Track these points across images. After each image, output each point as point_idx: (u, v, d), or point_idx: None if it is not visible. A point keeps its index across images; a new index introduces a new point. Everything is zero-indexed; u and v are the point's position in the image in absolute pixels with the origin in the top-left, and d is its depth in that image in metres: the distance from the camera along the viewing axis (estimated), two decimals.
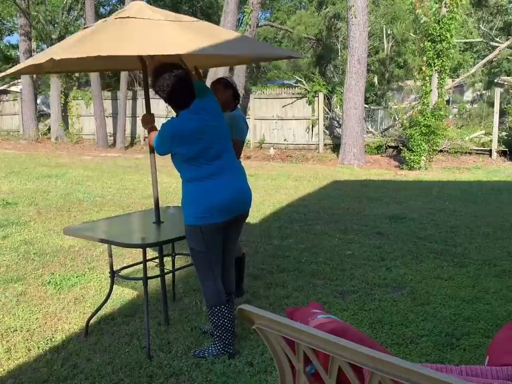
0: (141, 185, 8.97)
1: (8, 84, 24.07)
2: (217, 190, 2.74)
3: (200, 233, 2.76)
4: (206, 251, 2.81)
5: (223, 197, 2.75)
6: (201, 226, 2.74)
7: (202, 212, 2.72)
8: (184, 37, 2.69)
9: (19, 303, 3.66)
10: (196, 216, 2.74)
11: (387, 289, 3.96)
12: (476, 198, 7.92)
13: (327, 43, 18.48)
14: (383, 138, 14.32)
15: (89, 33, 2.76)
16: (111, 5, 28.49)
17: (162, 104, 16.42)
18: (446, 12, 11.52)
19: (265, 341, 1.50)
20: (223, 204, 2.74)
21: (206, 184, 2.73)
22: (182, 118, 2.73)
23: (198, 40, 2.69)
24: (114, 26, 2.75)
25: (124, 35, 2.65)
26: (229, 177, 2.80)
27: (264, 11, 29.06)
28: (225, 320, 2.87)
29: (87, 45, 2.59)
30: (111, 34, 2.68)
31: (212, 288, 2.86)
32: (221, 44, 2.83)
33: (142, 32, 2.67)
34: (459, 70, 19.11)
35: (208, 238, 2.78)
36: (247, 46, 3.24)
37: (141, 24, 2.73)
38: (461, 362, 2.83)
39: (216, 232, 2.80)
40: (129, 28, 2.70)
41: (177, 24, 2.81)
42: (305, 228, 5.90)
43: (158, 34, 2.67)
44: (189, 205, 2.78)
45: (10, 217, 6.33)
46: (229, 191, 2.78)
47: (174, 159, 2.79)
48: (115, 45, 2.56)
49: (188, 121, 2.71)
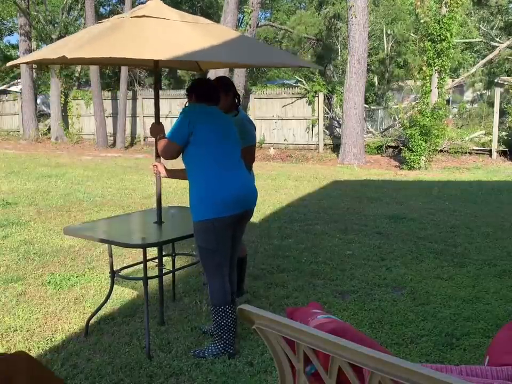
0: (141, 185, 8.97)
1: (8, 84, 24.08)
2: (227, 184, 2.81)
3: (212, 228, 2.79)
4: (216, 248, 2.83)
5: (233, 191, 2.81)
6: (213, 220, 2.77)
7: (214, 204, 2.77)
8: (203, 42, 2.68)
9: (19, 303, 3.66)
10: (207, 210, 2.78)
11: (387, 289, 3.96)
12: (476, 198, 7.92)
13: (327, 43, 18.48)
14: (383, 138, 14.32)
15: (104, 31, 2.70)
16: (111, 5, 28.49)
17: (164, 105, 16.44)
18: (446, 12, 11.52)
19: (265, 341, 1.50)
20: (232, 197, 2.80)
21: (215, 180, 2.80)
22: (199, 106, 2.90)
23: (216, 46, 2.69)
24: (130, 25, 2.71)
25: (139, 36, 2.62)
26: (237, 173, 2.89)
27: (264, 11, 29.07)
28: (229, 320, 2.87)
29: (103, 43, 2.54)
30: (127, 33, 2.64)
31: (219, 287, 2.87)
32: (241, 52, 2.90)
33: (159, 33, 2.66)
34: (459, 70, 19.12)
35: (219, 233, 2.80)
36: (266, 55, 3.23)
37: (156, 24, 2.71)
38: (461, 362, 2.83)
39: (226, 228, 2.83)
40: (145, 29, 2.67)
41: (194, 27, 2.81)
42: (305, 228, 5.90)
43: (175, 37, 2.66)
44: (199, 200, 2.82)
45: (10, 217, 6.33)
46: (238, 185, 2.86)
47: (186, 156, 2.86)
48: (132, 46, 2.53)
49: (207, 107, 2.90)
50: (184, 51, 2.58)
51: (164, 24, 2.73)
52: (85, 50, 2.50)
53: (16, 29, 22.42)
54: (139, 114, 17.68)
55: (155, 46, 2.59)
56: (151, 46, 2.58)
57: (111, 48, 2.48)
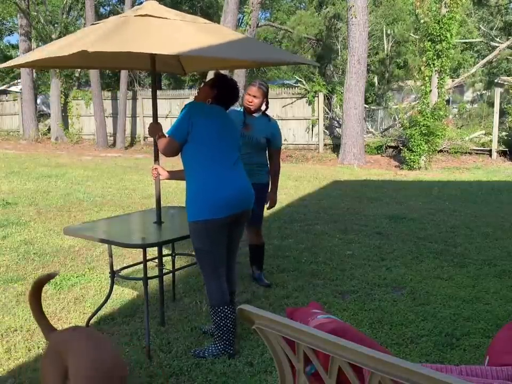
0: (141, 185, 8.97)
1: (8, 84, 24.07)
2: (222, 185, 2.78)
3: (204, 229, 2.77)
4: (210, 250, 2.81)
5: (227, 192, 2.78)
6: (206, 222, 2.75)
7: (207, 206, 2.75)
8: (205, 39, 2.69)
9: (19, 303, 3.66)
10: (200, 211, 2.76)
11: (387, 289, 3.96)
12: (476, 198, 7.92)
13: (327, 43, 18.46)
14: (383, 138, 14.32)
15: (110, 29, 2.69)
16: (111, 5, 28.50)
17: (164, 105, 16.45)
18: (446, 12, 11.51)
19: (265, 341, 1.50)
20: (227, 199, 2.78)
21: (211, 180, 2.78)
22: (203, 104, 2.91)
23: (216, 43, 2.71)
24: (135, 24, 2.71)
25: (146, 33, 2.64)
26: (232, 174, 2.86)
27: (264, 11, 29.08)
28: (228, 321, 2.87)
29: (115, 40, 2.54)
30: (136, 31, 2.64)
31: (216, 288, 2.86)
32: (240, 48, 2.90)
33: (165, 31, 2.68)
34: (459, 70, 19.12)
35: (212, 234, 2.79)
36: (263, 51, 3.24)
37: (161, 23, 2.73)
38: (461, 362, 2.83)
39: (220, 229, 2.81)
40: (153, 26, 2.69)
41: (195, 26, 2.83)
42: (305, 228, 5.90)
43: (181, 34, 2.67)
44: (193, 201, 2.80)
45: (10, 217, 6.33)
46: (232, 186, 2.83)
47: (184, 154, 2.84)
48: (141, 43, 2.55)
49: (208, 107, 2.91)
50: (190, 48, 2.60)
51: (166, 23, 2.74)
52: (104, 45, 2.49)
53: (16, 29, 22.44)
54: (139, 114, 17.68)
55: (162, 42, 2.60)
56: (157, 42, 2.59)
57: (124, 43, 2.49)
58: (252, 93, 3.84)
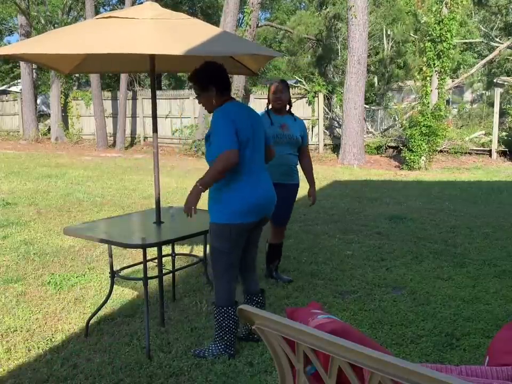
0: (140, 185, 8.96)
1: (8, 84, 24.07)
2: (257, 189, 2.76)
3: (228, 232, 2.74)
4: (229, 252, 2.80)
5: (259, 196, 2.77)
6: (234, 225, 2.73)
7: (239, 210, 2.71)
8: (154, 36, 2.65)
9: (19, 303, 3.66)
10: (231, 215, 2.72)
11: (387, 289, 3.96)
12: (476, 198, 7.92)
13: (327, 43, 18.45)
14: (383, 139, 14.32)
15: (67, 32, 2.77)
16: (111, 5, 28.49)
17: (164, 105, 16.45)
18: (446, 12, 11.52)
19: (265, 341, 1.50)
20: (258, 203, 2.76)
21: (242, 183, 2.73)
22: (231, 105, 2.77)
23: (168, 41, 2.65)
24: (92, 27, 2.78)
25: (93, 35, 2.67)
26: (261, 177, 2.83)
27: (264, 11, 29.09)
28: (231, 322, 2.87)
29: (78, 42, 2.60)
30: (88, 34, 2.70)
31: (225, 288, 2.86)
32: (194, 46, 2.66)
33: (111, 31, 2.69)
34: (459, 70, 19.12)
35: (235, 238, 2.77)
36: (222, 45, 2.94)
37: (117, 23, 2.74)
38: (461, 362, 2.83)
39: (243, 233, 2.80)
40: (102, 28, 2.72)
41: (155, 23, 2.77)
42: (305, 228, 5.90)
43: (127, 33, 2.66)
44: (221, 203, 2.75)
45: (10, 217, 6.33)
46: (260, 192, 2.80)
47: (208, 153, 2.76)
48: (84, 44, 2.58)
49: (237, 106, 2.80)
50: (136, 45, 2.59)
51: (125, 23, 2.74)
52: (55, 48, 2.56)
53: (16, 29, 22.44)
54: (139, 114, 17.68)
55: (108, 42, 2.59)
56: (106, 42, 2.59)
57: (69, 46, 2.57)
58: (278, 90, 3.82)
